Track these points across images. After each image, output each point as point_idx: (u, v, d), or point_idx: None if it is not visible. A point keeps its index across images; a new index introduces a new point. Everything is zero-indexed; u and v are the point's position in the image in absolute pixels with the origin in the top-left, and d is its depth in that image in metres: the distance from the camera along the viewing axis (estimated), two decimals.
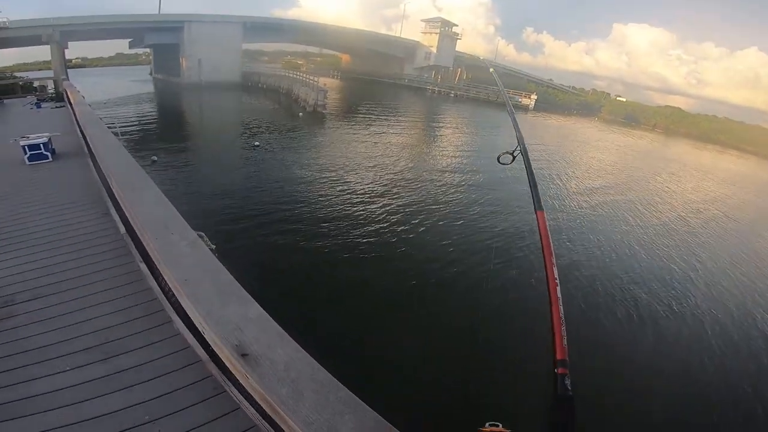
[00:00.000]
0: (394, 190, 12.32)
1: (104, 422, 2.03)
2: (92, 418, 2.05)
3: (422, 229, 9.68)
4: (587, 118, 51.07)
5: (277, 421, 1.71)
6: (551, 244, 1.01)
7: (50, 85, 18.09)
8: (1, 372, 2.32)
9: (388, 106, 35.19)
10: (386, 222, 9.76)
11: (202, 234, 2.75)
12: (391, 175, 13.81)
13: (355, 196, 11.37)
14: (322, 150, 17.21)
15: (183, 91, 35.65)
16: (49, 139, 6.68)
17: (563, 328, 0.85)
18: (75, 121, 8.43)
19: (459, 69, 59.16)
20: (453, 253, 8.44)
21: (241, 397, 2.09)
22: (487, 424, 0.84)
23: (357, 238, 8.76)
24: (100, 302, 2.93)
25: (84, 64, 54.52)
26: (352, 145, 18.30)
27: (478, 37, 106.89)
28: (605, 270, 8.71)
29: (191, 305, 2.07)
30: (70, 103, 10.37)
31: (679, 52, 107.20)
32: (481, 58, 70.34)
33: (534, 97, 48.65)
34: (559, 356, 0.81)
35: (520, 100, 48.75)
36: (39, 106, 13.30)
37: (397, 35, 60.46)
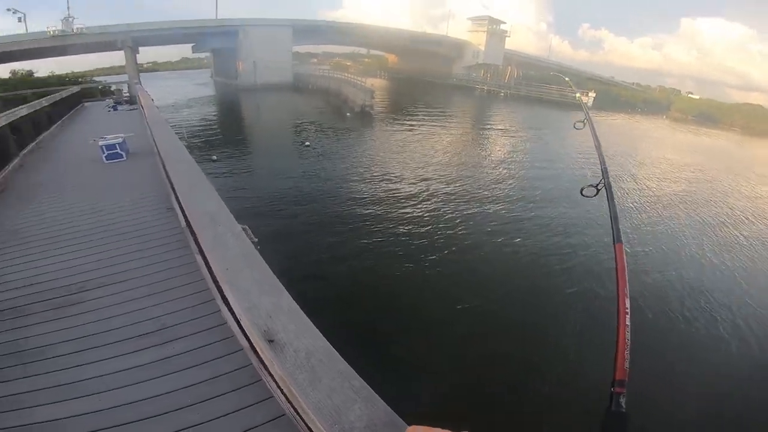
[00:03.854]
0: (444, 197, 12.03)
1: (152, 403, 2.19)
2: (143, 399, 2.22)
3: (469, 231, 9.46)
4: (654, 116, 46.76)
5: (294, 405, 1.83)
6: (626, 277, 1.06)
7: (125, 89, 20.05)
8: (71, 353, 2.58)
9: (435, 106, 34.75)
10: (435, 230, 9.64)
11: (246, 227, 2.93)
12: (442, 183, 13.42)
13: (400, 201, 11.28)
14: (368, 152, 17.42)
15: (240, 93, 37.93)
16: (124, 140, 7.41)
17: (627, 351, 0.89)
18: (146, 123, 9.26)
19: (509, 67, 57.03)
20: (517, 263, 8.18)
21: (274, 386, 2.17)
22: None
23: (404, 246, 8.61)
24: (160, 291, 3.20)
25: (154, 68, 60.06)
26: (398, 148, 18.32)
27: (529, 34, 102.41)
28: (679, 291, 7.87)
29: (230, 292, 2.24)
30: (142, 106, 11.41)
31: (761, 47, 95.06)
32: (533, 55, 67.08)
33: (592, 94, 45.52)
34: (618, 376, 0.85)
35: (577, 96, 45.79)
36: (115, 109, 14.88)
37: (443, 34, 59.59)
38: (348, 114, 26.43)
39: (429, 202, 11.23)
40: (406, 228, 9.41)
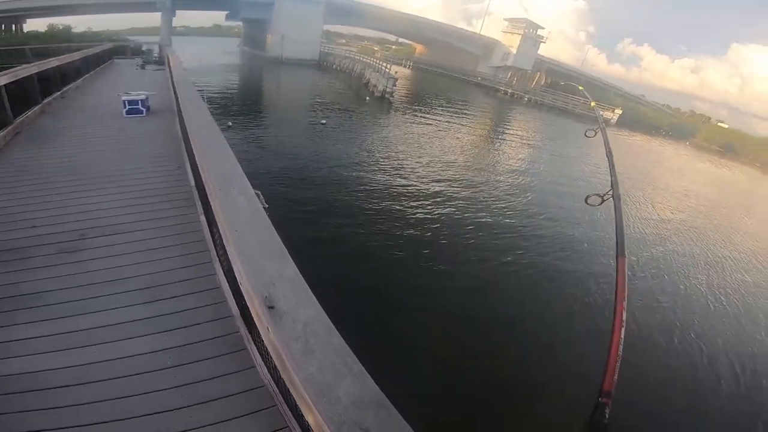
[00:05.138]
0: (446, 190, 12.14)
1: (132, 362, 2.18)
2: (126, 357, 2.21)
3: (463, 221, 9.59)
4: (676, 141, 45.66)
5: (282, 374, 1.82)
6: (626, 290, 1.08)
7: (156, 50, 20.13)
8: (66, 302, 2.57)
9: (455, 102, 34.36)
10: (434, 220, 9.75)
11: (259, 193, 2.92)
12: (447, 175, 13.59)
13: (406, 188, 11.46)
14: (383, 136, 17.48)
15: (265, 65, 37.81)
16: (147, 97, 7.52)
17: (618, 364, 0.91)
18: (171, 83, 9.34)
19: (538, 73, 55.90)
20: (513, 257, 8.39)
21: (258, 357, 2.19)
22: None
23: (405, 228, 8.90)
24: (159, 247, 3.20)
25: (186, 32, 60.09)
26: (411, 136, 18.30)
27: (566, 42, 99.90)
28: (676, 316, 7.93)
29: (235, 254, 2.23)
30: (169, 67, 11.54)
31: None
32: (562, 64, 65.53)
33: (618, 111, 44.57)
34: (606, 387, 0.87)
35: (601, 113, 44.84)
36: (143, 68, 15.01)
37: (475, 31, 58.43)
38: (367, 98, 26.31)
39: (434, 200, 11.25)
40: (408, 223, 9.48)
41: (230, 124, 13.99)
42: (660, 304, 8.18)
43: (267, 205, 2.78)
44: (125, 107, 7.21)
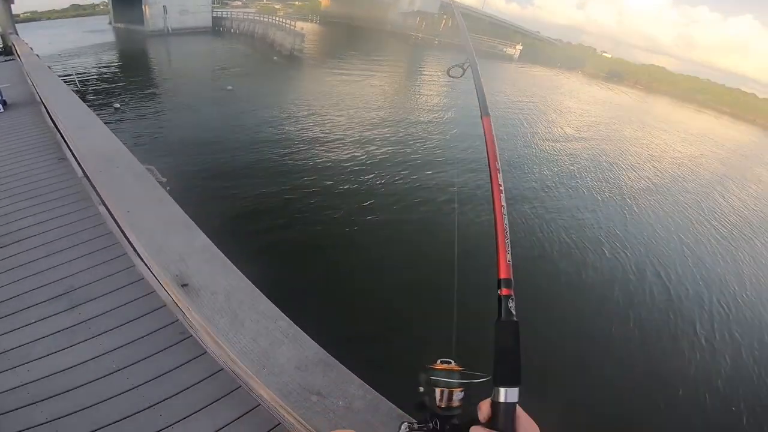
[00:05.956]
0: (364, 129, 12.51)
1: (75, 372, 2.03)
2: (64, 370, 2.04)
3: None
4: (571, 71, 50.11)
5: (217, 352, 1.73)
6: (496, 150, 0.91)
7: None
8: None
9: (368, 51, 33.54)
10: (347, 162, 10.05)
11: (152, 167, 2.73)
12: (360, 121, 13.79)
13: (323, 135, 11.59)
14: (296, 92, 16.98)
15: (147, 40, 32.84)
16: (0, 91, 6.35)
17: (507, 241, 0.75)
18: (24, 73, 8.04)
19: (444, 17, 56.08)
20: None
21: (208, 340, 2.09)
22: (438, 361, 0.74)
23: (321, 170, 9.17)
24: (63, 248, 2.90)
25: (34, 17, 48.96)
26: (327, 88, 17.95)
27: None
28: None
29: (134, 235, 2.08)
30: (18, 56, 9.87)
31: (674, 13, 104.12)
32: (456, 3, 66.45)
33: (519, 47, 47.35)
34: (502, 275, 0.71)
35: (504, 49, 47.52)
36: None
37: None
38: (275, 58, 24.59)
39: (353, 142, 11.48)
40: (327, 166, 9.65)
41: (117, 105, 12.33)
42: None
43: (164, 179, 2.62)
44: None
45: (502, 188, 0.87)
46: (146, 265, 2.60)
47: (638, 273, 7.60)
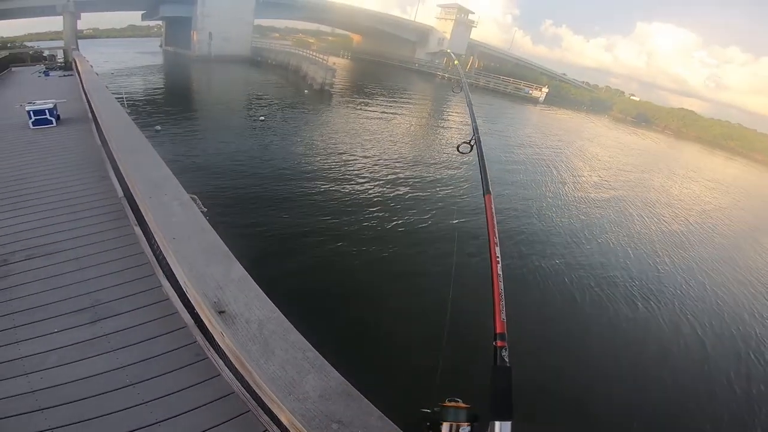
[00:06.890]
0: (386, 171, 12.47)
1: (87, 384, 2.06)
2: (76, 380, 2.07)
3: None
4: (597, 114, 50.04)
5: (245, 377, 1.78)
6: (495, 226, 1.08)
7: (60, 55, 18.14)
8: None
9: (394, 89, 34.74)
10: (373, 202, 10.00)
11: (195, 197, 2.81)
12: (386, 158, 13.95)
13: (349, 174, 11.65)
14: (324, 128, 17.31)
15: (192, 64, 35.38)
16: (55, 105, 6.77)
17: (502, 303, 0.91)
18: (82, 89, 8.52)
19: (471, 57, 58.00)
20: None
21: (222, 364, 2.13)
22: (447, 400, 0.88)
23: (346, 212, 9.12)
24: (94, 264, 2.98)
25: (95, 35, 53.75)
26: (355, 126, 18.34)
27: (494, 25, 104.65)
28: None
29: (176, 262, 2.14)
30: (78, 72, 10.47)
31: (703, 54, 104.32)
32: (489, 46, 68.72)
33: (545, 90, 47.69)
34: (498, 330, 0.87)
35: (530, 92, 47.88)
36: (47, 74, 13.43)
37: (411, 19, 59.12)
38: (306, 91, 25.67)
39: (376, 185, 11.48)
40: (359, 212, 9.54)
41: (158, 128, 12.97)
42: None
43: (205, 209, 2.69)
44: (31, 118, 6.45)
45: (499, 259, 1.02)
46: (174, 288, 2.62)
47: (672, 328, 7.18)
